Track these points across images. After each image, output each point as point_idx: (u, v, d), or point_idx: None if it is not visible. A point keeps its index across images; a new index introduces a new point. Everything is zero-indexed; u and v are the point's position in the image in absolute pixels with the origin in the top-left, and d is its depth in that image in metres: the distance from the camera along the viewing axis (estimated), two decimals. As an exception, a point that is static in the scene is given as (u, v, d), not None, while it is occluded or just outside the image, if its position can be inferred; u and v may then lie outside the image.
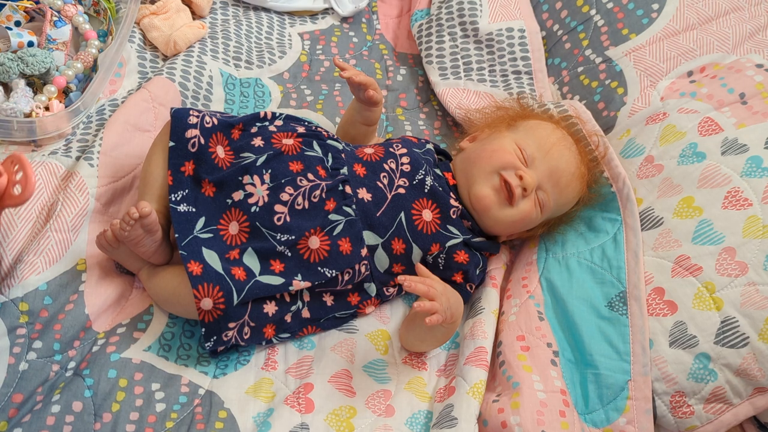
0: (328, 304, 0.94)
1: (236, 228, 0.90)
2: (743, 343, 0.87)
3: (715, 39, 1.15)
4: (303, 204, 0.91)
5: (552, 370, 0.90)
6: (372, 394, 0.89)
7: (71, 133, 1.03)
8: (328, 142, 0.98)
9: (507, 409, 0.85)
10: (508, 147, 1.00)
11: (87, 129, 1.04)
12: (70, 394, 0.82)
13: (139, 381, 0.85)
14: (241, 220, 0.90)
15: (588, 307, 0.96)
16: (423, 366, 0.94)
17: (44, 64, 1.02)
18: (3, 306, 0.85)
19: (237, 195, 0.90)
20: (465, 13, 1.28)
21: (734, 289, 0.89)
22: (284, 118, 1.00)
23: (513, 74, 1.25)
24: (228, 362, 0.90)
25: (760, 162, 0.95)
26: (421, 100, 1.28)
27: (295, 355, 0.93)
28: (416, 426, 0.87)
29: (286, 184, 0.90)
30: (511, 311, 0.99)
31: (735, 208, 0.94)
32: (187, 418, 0.84)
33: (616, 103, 1.14)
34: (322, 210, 0.91)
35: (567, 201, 1.03)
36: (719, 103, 1.05)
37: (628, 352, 0.91)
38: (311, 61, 1.28)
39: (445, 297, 0.84)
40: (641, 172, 1.04)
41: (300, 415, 0.84)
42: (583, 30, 1.23)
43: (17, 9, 1.10)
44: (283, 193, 0.90)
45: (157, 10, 1.19)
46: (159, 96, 1.08)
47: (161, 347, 0.90)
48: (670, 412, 0.89)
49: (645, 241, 0.98)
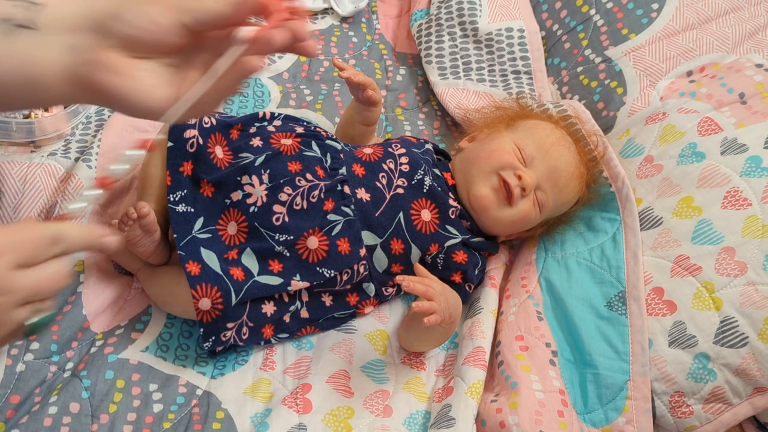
0: (327, 304, 0.94)
1: (235, 228, 0.90)
2: (742, 343, 0.87)
3: (714, 39, 1.15)
4: (301, 204, 0.91)
5: (551, 370, 0.90)
6: (370, 395, 0.89)
7: (70, 134, 1.03)
8: (327, 142, 0.98)
9: (505, 409, 0.85)
10: (507, 147, 1.00)
11: (86, 130, 1.04)
12: (67, 396, 0.82)
13: (137, 382, 0.85)
14: (240, 220, 0.90)
15: (587, 307, 0.95)
16: (421, 366, 0.94)
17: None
18: (2, 307, 0.85)
19: (235, 195, 0.90)
20: (464, 13, 1.28)
21: (733, 288, 0.89)
22: (283, 118, 1.00)
23: (512, 74, 1.25)
24: (226, 362, 0.90)
25: (760, 162, 0.95)
26: (421, 100, 1.28)
27: (294, 355, 0.93)
28: (414, 426, 0.87)
29: (285, 184, 0.90)
30: (510, 311, 0.98)
31: (734, 208, 0.93)
32: (184, 418, 0.84)
33: (616, 103, 1.14)
34: (320, 210, 0.91)
35: (566, 201, 1.03)
36: (719, 102, 1.05)
37: (627, 351, 0.91)
38: (311, 61, 1.28)
39: (443, 297, 0.84)
40: (640, 172, 1.04)
41: (298, 416, 0.84)
42: (582, 30, 1.23)
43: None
44: (282, 194, 0.90)
45: (156, 11, 1.19)
46: (159, 96, 1.08)
47: (159, 348, 0.90)
48: (669, 412, 0.89)
49: (644, 240, 0.98)
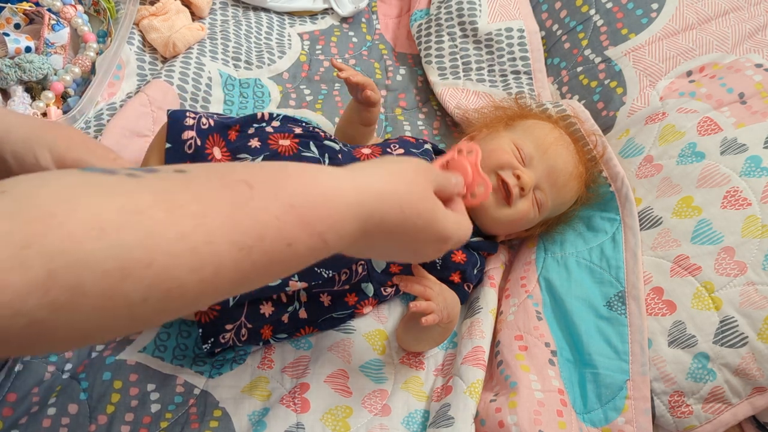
0: (326, 304, 0.94)
1: None
2: (742, 343, 0.87)
3: (714, 39, 1.15)
4: None
5: (550, 369, 0.90)
6: (368, 394, 0.89)
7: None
8: (325, 143, 0.98)
9: (504, 408, 0.85)
10: (506, 146, 1.00)
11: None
12: (65, 397, 0.82)
13: (135, 382, 0.86)
14: (238, 220, 0.90)
15: (587, 307, 0.95)
16: (420, 365, 0.94)
17: (41, 71, 1.02)
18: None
19: None
20: (464, 13, 1.28)
21: (733, 288, 0.89)
22: (282, 119, 1.00)
23: (512, 74, 1.25)
24: (224, 362, 0.91)
25: (759, 162, 0.95)
26: (421, 100, 1.28)
27: (292, 355, 0.93)
28: (413, 425, 0.87)
29: None
30: (510, 311, 0.98)
31: (734, 208, 0.93)
32: (182, 418, 0.84)
33: (616, 103, 1.14)
34: (319, 210, 0.91)
35: (565, 200, 1.03)
36: (718, 102, 1.05)
37: (626, 351, 0.91)
38: (311, 61, 1.28)
39: (441, 297, 0.84)
40: (640, 172, 1.04)
41: (296, 415, 0.84)
42: (582, 30, 1.23)
43: (16, 11, 1.09)
44: None
45: (156, 12, 1.19)
46: (157, 100, 1.08)
47: (157, 348, 0.90)
48: (668, 412, 0.89)
49: (644, 240, 0.98)
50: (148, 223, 0.41)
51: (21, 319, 0.38)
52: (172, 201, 0.44)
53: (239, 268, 0.46)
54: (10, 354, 0.47)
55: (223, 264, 0.45)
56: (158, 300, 0.42)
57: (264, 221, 0.47)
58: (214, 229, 0.45)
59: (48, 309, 0.38)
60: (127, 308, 0.41)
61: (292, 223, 0.49)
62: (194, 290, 0.44)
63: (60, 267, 0.38)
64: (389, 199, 0.58)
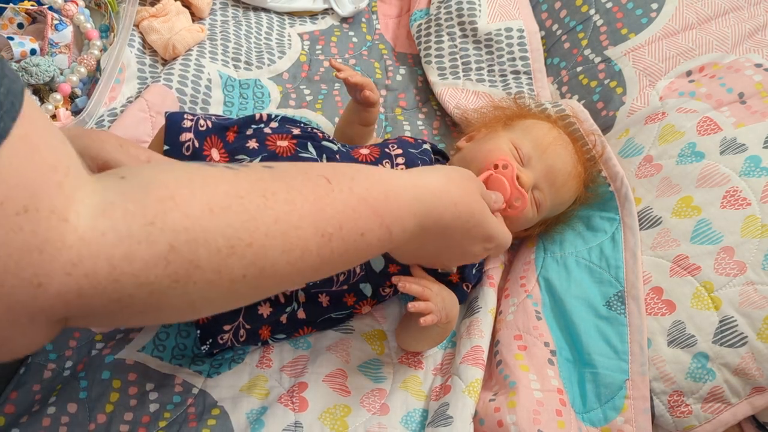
0: (324, 305, 0.94)
1: None
2: (741, 343, 0.87)
3: (714, 38, 1.15)
4: None
5: (549, 369, 0.90)
6: (367, 393, 0.89)
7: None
8: (323, 144, 0.98)
9: (503, 408, 0.85)
10: (504, 146, 0.99)
11: (87, 141, 1.04)
12: (65, 396, 0.83)
13: (133, 381, 0.86)
14: (237, 221, 0.90)
15: (586, 307, 0.95)
16: (419, 365, 0.94)
17: (48, 73, 1.02)
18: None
19: None
20: (464, 13, 1.28)
21: (732, 288, 0.89)
22: (280, 119, 1.00)
23: (512, 74, 1.25)
24: (222, 361, 0.91)
25: (759, 161, 0.95)
26: (420, 100, 1.29)
27: (291, 354, 0.93)
28: (411, 424, 0.87)
29: None
30: (509, 310, 0.98)
31: (734, 208, 0.93)
32: (180, 417, 0.84)
33: (615, 103, 1.14)
34: (317, 211, 0.91)
35: (564, 200, 1.03)
36: (718, 102, 1.04)
37: (626, 351, 0.91)
38: (311, 62, 1.28)
39: (440, 297, 0.84)
40: (640, 172, 1.04)
41: (294, 414, 0.84)
42: (582, 30, 1.23)
43: (19, 11, 1.10)
44: None
45: (156, 13, 1.19)
46: (156, 104, 1.07)
47: (155, 347, 0.90)
48: (668, 412, 0.89)
49: (643, 240, 0.98)
50: (249, 207, 0.47)
51: (145, 288, 0.42)
52: (267, 189, 0.49)
53: (321, 254, 0.51)
54: (123, 324, 0.56)
55: (308, 248, 0.50)
56: (254, 277, 0.47)
57: (342, 211, 0.53)
58: (303, 215, 0.50)
59: (168, 280, 0.43)
60: (229, 283, 0.46)
61: (366, 215, 0.55)
62: (282, 271, 0.49)
63: (180, 243, 0.43)
64: (445, 197, 0.64)
